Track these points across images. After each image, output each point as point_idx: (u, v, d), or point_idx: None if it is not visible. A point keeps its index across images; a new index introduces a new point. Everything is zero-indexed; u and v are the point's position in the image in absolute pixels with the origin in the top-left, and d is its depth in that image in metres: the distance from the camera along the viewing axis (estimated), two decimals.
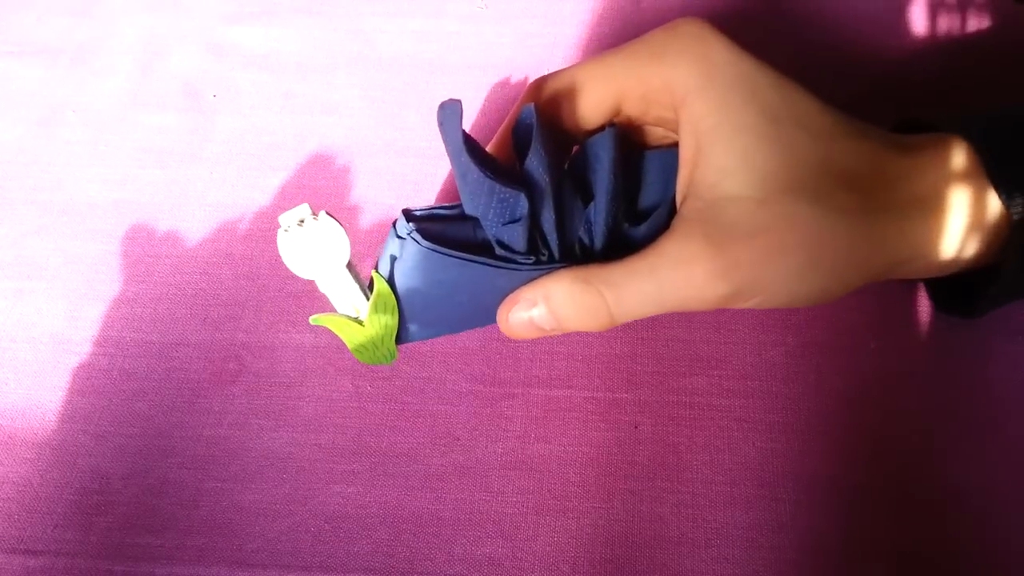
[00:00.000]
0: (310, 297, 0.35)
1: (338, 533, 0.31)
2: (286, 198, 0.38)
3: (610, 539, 0.30)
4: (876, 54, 0.40)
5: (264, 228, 0.37)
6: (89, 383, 0.34)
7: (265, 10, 0.43)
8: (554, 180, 0.27)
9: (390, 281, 0.29)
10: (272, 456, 0.32)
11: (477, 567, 0.30)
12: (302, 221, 0.26)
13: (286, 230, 0.26)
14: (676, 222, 0.27)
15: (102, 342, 0.35)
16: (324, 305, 0.31)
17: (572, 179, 0.28)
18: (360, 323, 0.30)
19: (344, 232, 0.26)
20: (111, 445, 0.33)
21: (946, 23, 0.41)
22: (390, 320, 0.30)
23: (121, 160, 0.39)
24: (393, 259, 0.29)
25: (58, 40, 0.43)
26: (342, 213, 0.37)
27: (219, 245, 0.37)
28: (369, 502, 0.31)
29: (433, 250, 0.27)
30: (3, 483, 0.32)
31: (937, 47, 0.40)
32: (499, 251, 0.28)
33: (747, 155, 0.25)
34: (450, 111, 0.25)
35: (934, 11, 0.41)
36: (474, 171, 0.26)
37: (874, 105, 0.39)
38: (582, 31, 0.42)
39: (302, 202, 0.37)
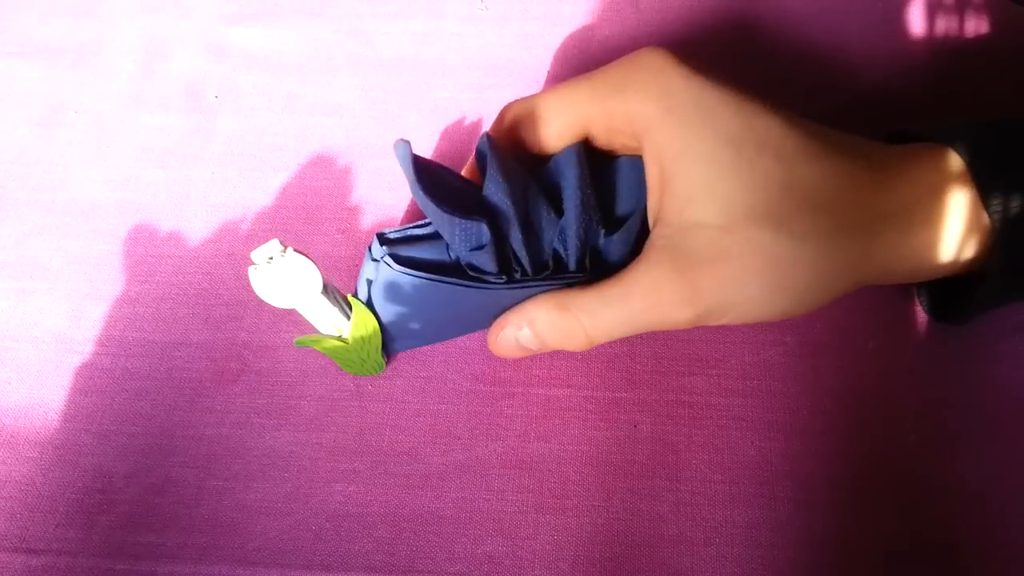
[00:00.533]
0: None
1: (339, 532, 0.31)
2: (287, 198, 0.38)
3: (609, 538, 0.31)
4: (875, 54, 0.40)
5: (265, 229, 0.37)
6: (91, 382, 0.34)
7: (266, 11, 0.43)
8: (517, 202, 0.27)
9: (369, 303, 0.30)
10: (274, 455, 0.33)
11: (477, 565, 0.30)
12: (271, 258, 0.26)
13: (256, 266, 0.26)
14: (646, 248, 0.27)
15: (104, 341, 0.35)
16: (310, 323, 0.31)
17: (545, 195, 0.29)
18: (344, 341, 0.30)
19: (313, 264, 0.27)
20: (113, 444, 0.33)
21: (944, 24, 0.41)
22: (371, 338, 0.31)
23: (123, 160, 0.39)
24: (369, 282, 0.30)
25: (59, 40, 0.43)
26: (343, 214, 0.37)
27: (221, 245, 0.37)
28: (370, 501, 0.32)
29: (406, 274, 0.28)
30: (6, 482, 0.33)
31: (936, 47, 0.40)
32: (472, 273, 0.29)
33: (709, 184, 0.25)
34: (400, 152, 0.26)
35: (932, 12, 0.41)
36: (430, 207, 0.26)
37: (873, 105, 0.39)
38: (581, 32, 0.42)
39: (304, 203, 0.38)
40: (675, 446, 0.32)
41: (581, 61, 0.41)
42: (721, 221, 0.24)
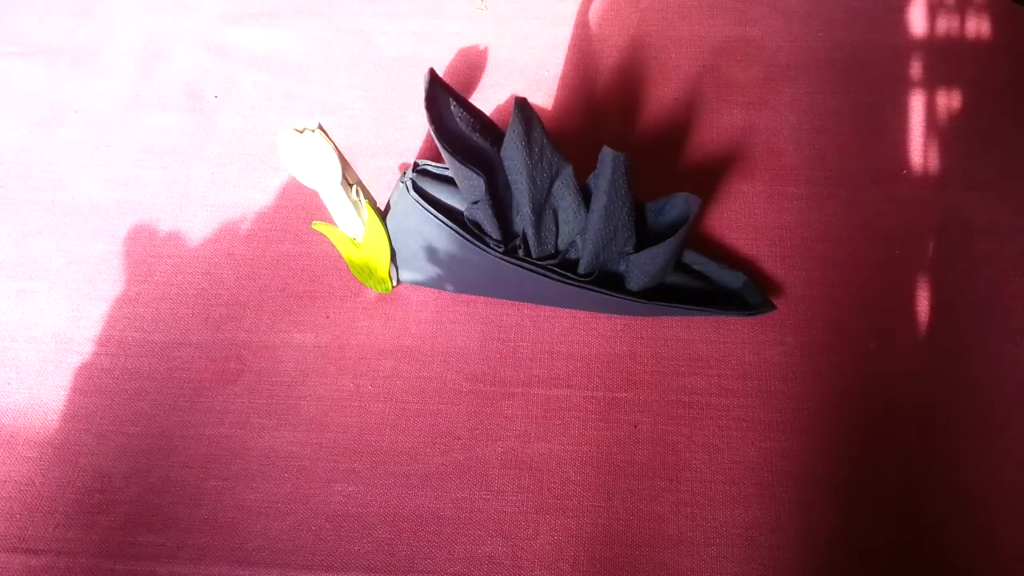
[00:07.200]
0: (311, 297, 0.35)
1: (339, 532, 0.31)
2: (287, 198, 0.38)
3: (610, 538, 0.31)
4: (876, 52, 0.40)
5: (265, 228, 0.37)
6: (91, 382, 0.34)
7: (266, 11, 0.43)
8: (538, 179, 0.28)
9: (383, 219, 0.32)
10: (273, 455, 0.32)
11: (477, 565, 0.30)
12: (304, 130, 0.28)
13: (288, 132, 0.28)
14: None
15: (104, 342, 0.35)
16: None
17: (580, 189, 0.30)
18: (356, 244, 0.32)
19: (332, 151, 0.28)
20: (113, 444, 0.33)
21: (944, 24, 0.41)
22: (380, 250, 0.32)
23: (123, 160, 0.40)
24: (393, 201, 0.31)
25: (59, 41, 0.43)
26: None
27: (220, 245, 0.37)
28: (370, 501, 0.32)
29: (417, 203, 0.30)
30: (5, 482, 0.33)
31: (936, 47, 0.40)
32: (474, 230, 0.30)
33: None
34: (425, 81, 0.27)
35: (933, 11, 0.41)
36: (438, 142, 0.27)
37: (873, 103, 0.39)
38: (581, 32, 0.42)
39: (303, 203, 0.38)
40: (675, 446, 0.32)
41: (581, 61, 0.41)
42: None
